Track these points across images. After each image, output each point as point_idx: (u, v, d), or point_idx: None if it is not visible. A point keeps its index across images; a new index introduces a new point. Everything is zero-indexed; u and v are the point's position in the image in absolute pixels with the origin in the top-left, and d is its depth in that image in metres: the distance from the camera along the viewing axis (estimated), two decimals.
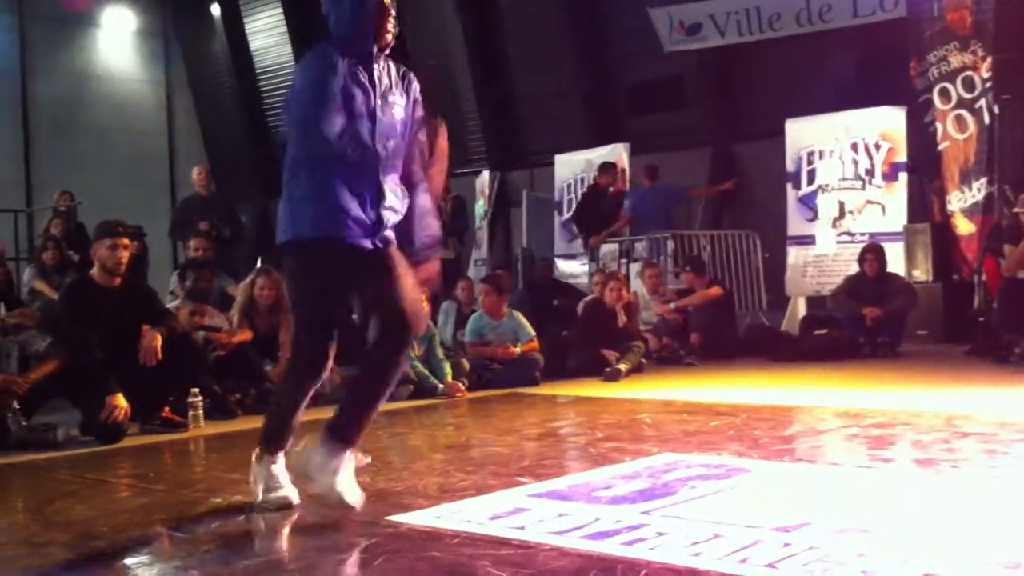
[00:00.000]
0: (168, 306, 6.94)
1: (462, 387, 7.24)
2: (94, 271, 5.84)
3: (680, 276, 10.15)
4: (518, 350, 7.84)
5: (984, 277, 9.15)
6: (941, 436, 4.62)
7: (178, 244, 12.02)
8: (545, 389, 7.44)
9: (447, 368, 7.36)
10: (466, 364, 7.59)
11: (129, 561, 3.12)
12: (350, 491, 3.45)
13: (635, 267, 11.35)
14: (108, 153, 17.37)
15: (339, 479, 3.43)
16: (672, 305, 9.61)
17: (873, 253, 9.40)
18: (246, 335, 6.89)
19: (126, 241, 5.86)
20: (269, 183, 19.48)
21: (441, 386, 7.16)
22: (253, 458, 3.71)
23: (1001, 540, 2.84)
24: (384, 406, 6.59)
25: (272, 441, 3.68)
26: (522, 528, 3.17)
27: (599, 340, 8.29)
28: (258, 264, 9.38)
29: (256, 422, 6.11)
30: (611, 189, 11.82)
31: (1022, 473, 3.79)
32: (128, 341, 5.67)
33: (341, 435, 3.51)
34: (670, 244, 11.44)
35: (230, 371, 6.64)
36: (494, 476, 4.05)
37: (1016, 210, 8.21)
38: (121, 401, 5.39)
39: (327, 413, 3.67)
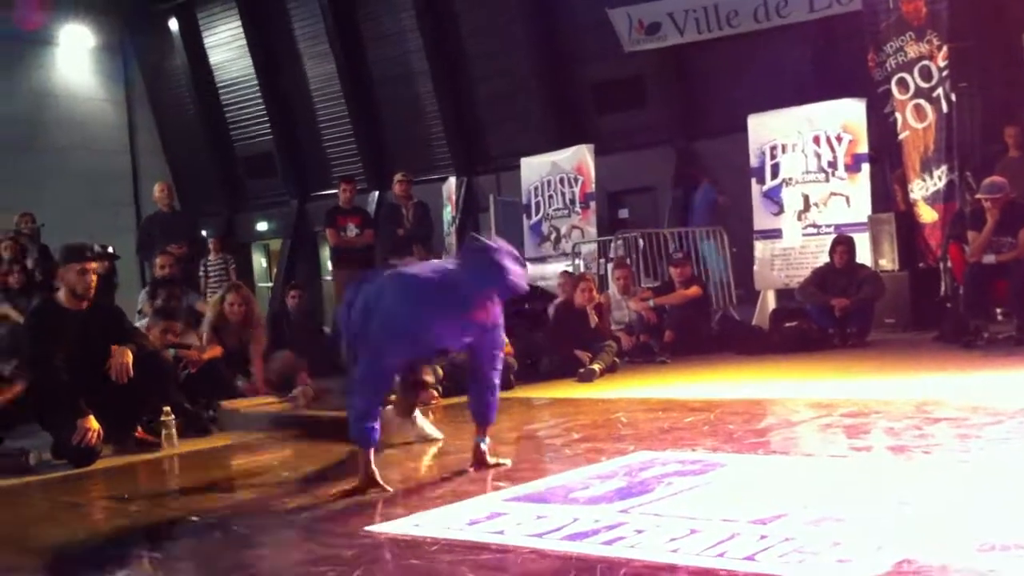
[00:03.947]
0: (137, 324, 6.89)
1: (436, 393, 7.22)
2: (60, 294, 5.78)
3: (674, 268, 10.07)
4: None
5: (949, 264, 9.23)
6: (913, 423, 4.66)
7: (144, 262, 11.93)
8: (520, 392, 7.44)
9: None
10: (440, 370, 7.57)
11: None
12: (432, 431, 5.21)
13: (612, 267, 11.46)
14: (70, 172, 17.24)
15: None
16: (651, 302, 9.64)
17: (844, 244, 9.46)
18: (216, 351, 6.87)
19: (94, 265, 5.83)
20: (234, 196, 19.46)
21: None
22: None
23: (974, 523, 2.87)
24: None
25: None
26: (501, 532, 3.17)
27: (571, 341, 8.30)
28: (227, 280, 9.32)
29: (229, 439, 6.11)
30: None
31: (994, 456, 3.83)
32: (97, 362, 5.62)
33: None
34: (641, 243, 11.48)
35: (202, 388, 6.60)
36: (471, 482, 4.05)
37: (978, 196, 8.29)
38: (93, 423, 5.34)
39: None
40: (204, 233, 12.74)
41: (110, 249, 10.00)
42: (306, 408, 7.17)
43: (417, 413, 5.17)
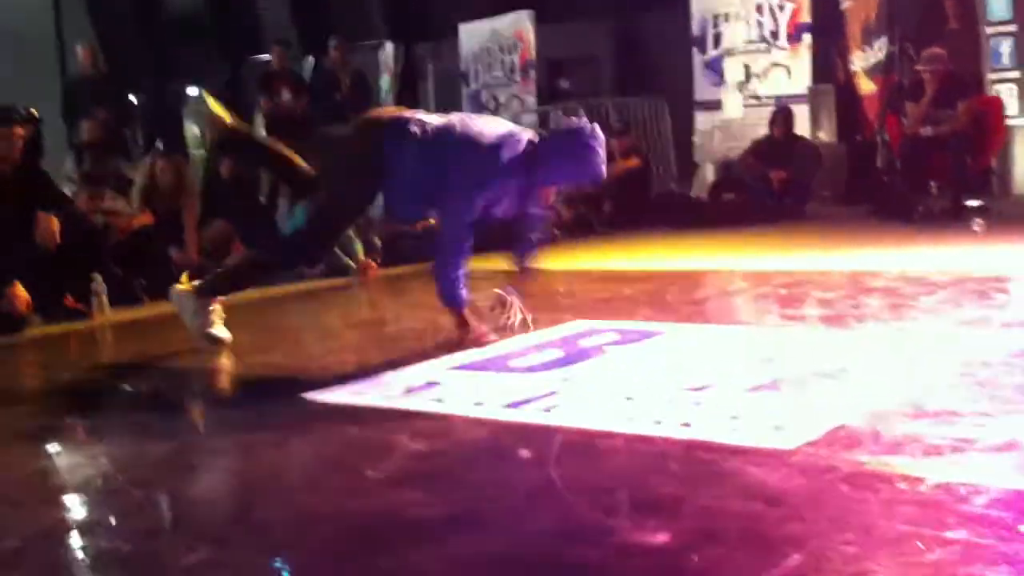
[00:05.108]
0: (64, 191, 6.69)
1: (374, 264, 7.17)
2: None
3: (614, 139, 9.97)
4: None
5: (887, 136, 9.27)
6: (847, 293, 4.72)
7: (70, 127, 11.53)
8: None
9: (358, 246, 7.27)
10: (378, 241, 7.50)
11: (37, 450, 3.04)
12: (221, 331, 4.24)
13: None
14: None
15: (211, 322, 4.23)
16: None
17: (783, 115, 9.46)
18: (147, 219, 6.70)
19: (19, 130, 5.63)
20: (163, 61, 18.84)
21: (353, 265, 7.07)
22: (182, 288, 4.26)
23: (906, 391, 2.92)
24: (296, 286, 6.52)
25: (217, 293, 4.28)
26: (439, 401, 3.17)
27: None
28: (157, 146, 9.08)
29: (163, 308, 6.02)
30: None
31: (927, 325, 3.89)
32: (24, 228, 5.46)
33: (214, 291, 4.26)
34: (581, 113, 11.35)
35: (132, 256, 6.45)
36: (410, 351, 4.02)
37: (918, 67, 8.28)
38: (21, 291, 5.21)
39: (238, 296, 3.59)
40: (132, 98, 12.35)
41: (34, 112, 9.65)
42: None
43: (214, 308, 4.27)
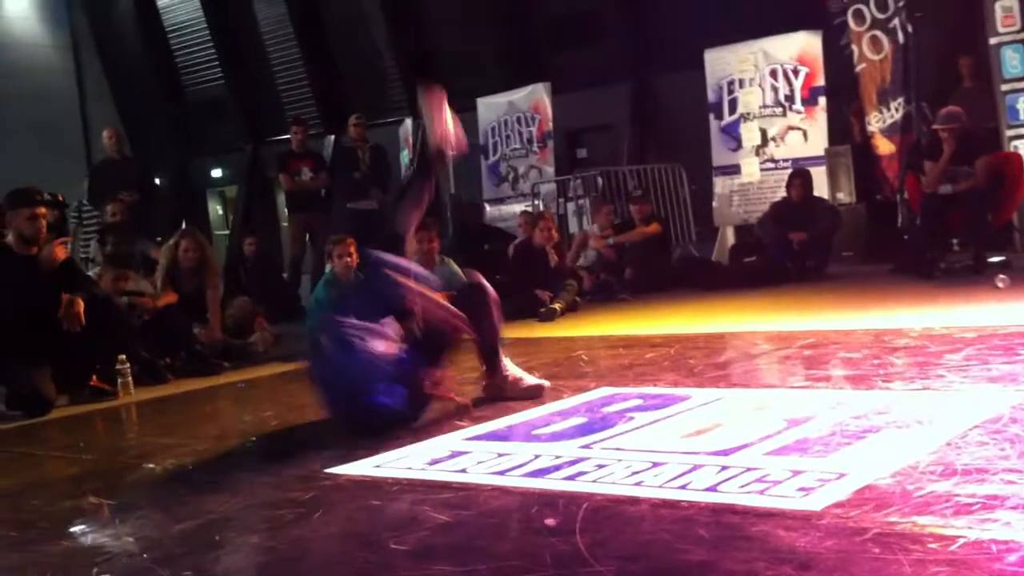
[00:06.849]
0: (89, 273, 6.77)
1: None
2: (10, 240, 5.67)
3: (633, 206, 10.07)
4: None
5: (906, 195, 9.27)
6: (871, 352, 4.68)
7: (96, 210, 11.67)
8: None
9: None
10: None
11: (62, 531, 3.04)
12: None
13: (572, 206, 11.47)
14: (18, 121, 16.88)
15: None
16: (610, 240, 9.63)
17: (800, 178, 9.48)
18: (171, 298, 6.77)
19: (44, 210, 5.73)
20: (187, 142, 19.15)
21: None
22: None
23: (935, 447, 2.87)
24: None
25: None
26: (463, 471, 3.15)
27: (532, 281, 8.26)
28: (182, 226, 9.21)
29: (187, 385, 6.05)
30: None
31: (953, 383, 3.85)
32: (49, 310, 5.52)
33: None
34: (600, 181, 11.45)
35: (157, 335, 6.51)
36: (433, 422, 4.01)
37: (935, 126, 8.30)
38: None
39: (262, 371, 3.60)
40: (157, 181, 12.53)
41: (60, 198, 9.81)
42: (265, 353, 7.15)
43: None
